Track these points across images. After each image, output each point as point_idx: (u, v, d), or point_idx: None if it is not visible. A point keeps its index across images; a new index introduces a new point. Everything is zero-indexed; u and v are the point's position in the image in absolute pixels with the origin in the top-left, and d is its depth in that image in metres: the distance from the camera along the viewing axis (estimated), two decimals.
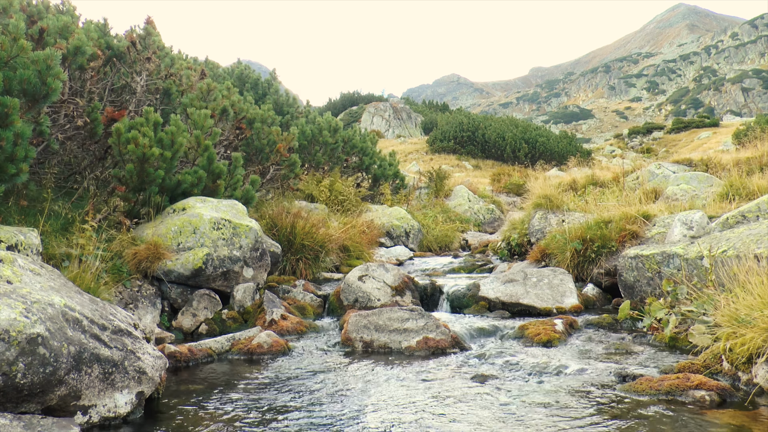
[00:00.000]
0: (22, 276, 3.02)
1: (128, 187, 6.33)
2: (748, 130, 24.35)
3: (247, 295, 6.21)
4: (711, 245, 5.47)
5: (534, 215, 9.68)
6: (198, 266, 5.96)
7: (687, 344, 4.77)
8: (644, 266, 6.06)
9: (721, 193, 8.75)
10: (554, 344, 5.07)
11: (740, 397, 3.46)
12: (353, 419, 3.27)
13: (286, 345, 5.16)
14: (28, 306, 2.74)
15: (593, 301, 6.70)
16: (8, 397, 2.67)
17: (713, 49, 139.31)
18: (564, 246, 7.54)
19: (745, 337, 3.58)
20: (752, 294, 3.84)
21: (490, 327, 5.68)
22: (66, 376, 2.81)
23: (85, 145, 6.98)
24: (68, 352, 2.81)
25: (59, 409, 2.88)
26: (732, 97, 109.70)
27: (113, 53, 8.27)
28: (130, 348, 3.24)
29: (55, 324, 2.80)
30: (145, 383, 3.25)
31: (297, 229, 7.79)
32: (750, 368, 3.65)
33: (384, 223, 11.57)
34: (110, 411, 3.07)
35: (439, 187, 16.56)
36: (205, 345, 5.06)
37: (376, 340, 5.21)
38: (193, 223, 6.24)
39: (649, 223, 7.27)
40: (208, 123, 7.30)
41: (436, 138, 40.16)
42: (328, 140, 12.61)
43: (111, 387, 3.07)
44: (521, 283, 6.66)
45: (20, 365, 2.61)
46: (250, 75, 14.90)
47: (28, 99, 5.13)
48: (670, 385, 3.55)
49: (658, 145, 48.99)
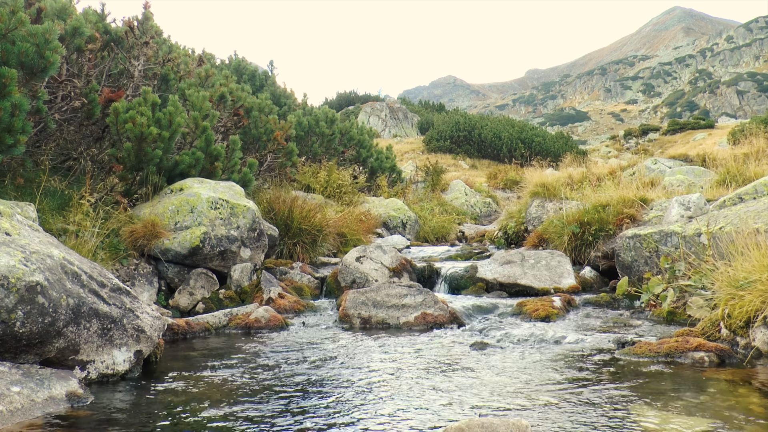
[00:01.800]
0: (21, 230, 3.00)
1: (126, 166, 6.31)
2: (744, 129, 24.41)
3: (245, 274, 6.19)
4: (709, 222, 5.48)
5: (531, 203, 9.69)
6: (195, 244, 5.95)
7: (685, 318, 4.77)
8: (642, 246, 6.07)
9: (718, 180, 8.77)
10: (552, 319, 5.07)
11: (738, 359, 3.47)
12: (350, 380, 3.26)
13: (283, 320, 5.15)
14: (26, 255, 2.73)
15: (591, 283, 6.71)
16: (7, 347, 2.65)
17: (708, 51, 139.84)
18: (561, 230, 7.54)
19: (744, 301, 3.59)
20: (750, 260, 3.84)
21: (488, 305, 5.68)
22: (65, 328, 2.79)
23: (83, 126, 6.96)
24: (67, 304, 2.79)
25: (57, 363, 2.87)
26: (727, 100, 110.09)
27: (111, 38, 8.24)
28: (128, 306, 3.23)
29: (54, 275, 2.79)
30: (143, 342, 3.23)
31: (294, 213, 7.77)
32: (748, 332, 3.65)
33: (381, 214, 11.55)
34: (108, 368, 3.05)
35: (435, 181, 16.56)
36: (203, 319, 5.04)
37: (374, 316, 5.20)
38: (190, 202, 6.22)
39: (647, 207, 7.28)
40: (206, 105, 7.29)
41: (432, 137, 40.13)
42: (324, 131, 12.60)
43: (109, 344, 3.05)
44: (519, 264, 6.66)
45: (19, 313, 2.59)
46: (246, 67, 14.90)
47: (26, 72, 5.11)
48: (669, 347, 3.55)
49: (653, 147, 49.07)
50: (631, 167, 16.94)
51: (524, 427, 1.75)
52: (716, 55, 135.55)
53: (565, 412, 2.55)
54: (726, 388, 2.90)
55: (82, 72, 7.37)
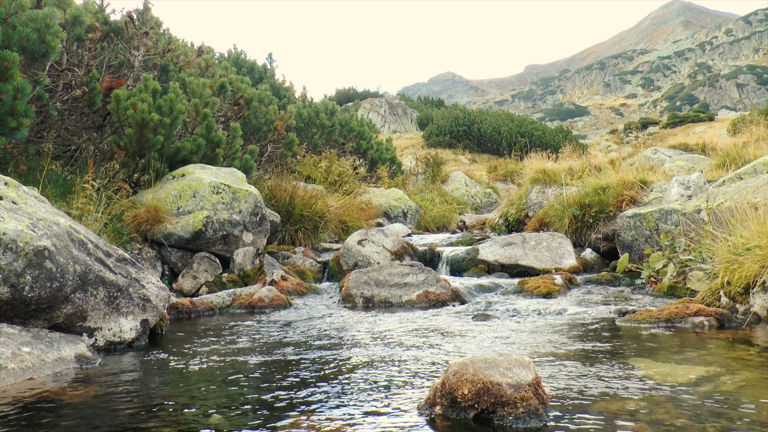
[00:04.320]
0: (27, 199, 3.04)
1: (127, 152, 6.34)
2: (744, 120, 24.43)
3: (247, 258, 6.23)
4: (708, 198, 5.51)
5: (531, 190, 9.72)
6: (198, 228, 5.98)
7: (685, 291, 4.81)
8: (642, 224, 6.10)
9: (717, 163, 8.81)
10: (554, 295, 5.11)
11: (737, 323, 3.50)
12: (354, 345, 3.30)
13: (287, 300, 5.19)
14: (34, 222, 2.76)
15: (591, 264, 6.74)
16: (16, 311, 2.69)
17: (708, 45, 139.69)
18: (562, 213, 7.57)
19: (743, 267, 3.62)
20: (749, 229, 3.88)
21: (490, 284, 5.71)
22: (72, 294, 2.83)
23: (84, 115, 6.99)
24: (74, 270, 2.83)
25: (66, 329, 2.90)
26: (727, 93, 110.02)
27: (110, 29, 8.27)
28: (134, 276, 3.27)
29: (61, 241, 2.83)
30: (149, 311, 3.27)
31: (296, 200, 7.81)
32: (747, 299, 3.69)
33: (382, 204, 11.59)
34: (116, 335, 3.09)
35: (436, 172, 16.59)
36: (207, 299, 5.08)
37: (377, 295, 5.24)
38: (192, 187, 6.26)
39: (647, 189, 7.32)
40: (206, 93, 7.32)
41: (431, 133, 40.14)
42: (324, 123, 12.63)
43: (116, 311, 3.09)
44: (520, 246, 6.70)
45: (28, 278, 2.63)
46: (246, 60, 14.92)
47: (28, 57, 5.15)
48: (669, 313, 3.58)
49: (654, 140, 48.96)
50: (630, 157, 16.97)
51: (527, 363, 1.79)
52: (715, 49, 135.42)
53: (567, 362, 2.59)
54: (724, 344, 2.93)
55: (83, 62, 7.40)
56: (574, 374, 2.40)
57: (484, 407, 1.73)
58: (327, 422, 1.89)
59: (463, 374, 1.76)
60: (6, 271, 2.56)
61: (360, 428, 1.83)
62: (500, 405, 1.72)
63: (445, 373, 1.84)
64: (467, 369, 1.76)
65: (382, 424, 1.85)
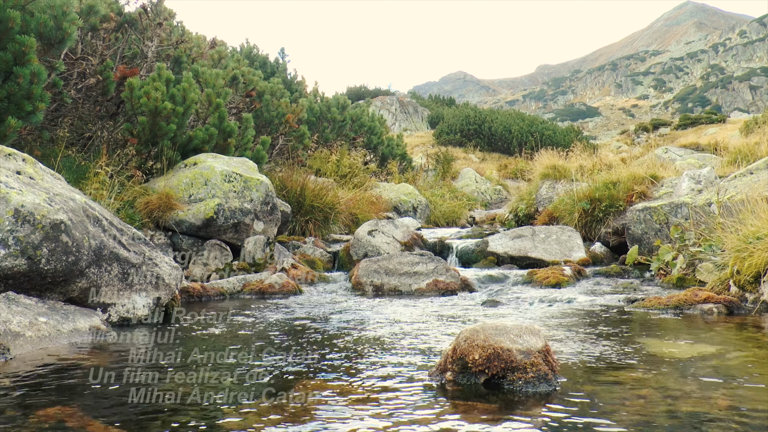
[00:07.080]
0: (44, 176, 3.09)
1: (140, 140, 6.40)
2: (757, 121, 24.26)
3: (258, 247, 6.27)
4: (719, 191, 5.50)
5: (542, 185, 9.72)
6: (209, 215, 6.03)
7: (694, 283, 4.81)
8: (652, 218, 6.09)
9: (729, 160, 8.78)
10: (563, 286, 5.12)
11: (746, 311, 3.50)
12: (364, 325, 3.33)
13: (297, 287, 5.23)
14: (50, 196, 2.81)
15: (601, 258, 6.74)
16: (33, 284, 2.73)
17: (721, 47, 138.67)
18: (572, 207, 7.57)
19: (753, 256, 3.62)
20: (761, 218, 3.88)
21: (499, 275, 5.73)
22: (87, 269, 2.88)
23: (98, 103, 7.06)
24: (89, 245, 2.87)
25: (80, 303, 2.95)
26: (740, 95, 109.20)
27: (125, 19, 8.34)
28: (147, 255, 3.31)
29: (77, 216, 2.87)
30: (162, 289, 3.31)
31: (307, 191, 7.85)
32: (757, 288, 3.69)
33: (392, 198, 11.61)
34: (129, 312, 3.14)
35: (446, 169, 16.60)
36: (218, 284, 5.13)
37: (387, 284, 5.26)
38: (204, 175, 6.31)
39: (657, 184, 7.30)
40: (219, 83, 7.38)
41: (442, 131, 40.11)
42: (336, 117, 12.67)
43: (129, 288, 3.13)
44: (529, 238, 6.71)
45: (44, 250, 2.68)
46: (258, 54, 14.99)
47: (44, 43, 5.21)
48: (678, 300, 3.59)
49: (665, 141, 48.78)
50: (641, 157, 16.88)
51: (536, 331, 1.81)
52: (729, 50, 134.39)
53: (576, 340, 2.62)
54: (733, 328, 2.94)
55: (97, 52, 7.47)
56: (583, 350, 2.42)
57: (495, 372, 1.75)
58: (336, 384, 1.92)
59: (474, 340, 1.78)
60: (24, 243, 2.61)
61: (371, 394, 1.86)
62: (510, 370, 1.74)
63: (456, 339, 1.87)
64: (478, 335, 1.78)
65: (392, 388, 1.88)
